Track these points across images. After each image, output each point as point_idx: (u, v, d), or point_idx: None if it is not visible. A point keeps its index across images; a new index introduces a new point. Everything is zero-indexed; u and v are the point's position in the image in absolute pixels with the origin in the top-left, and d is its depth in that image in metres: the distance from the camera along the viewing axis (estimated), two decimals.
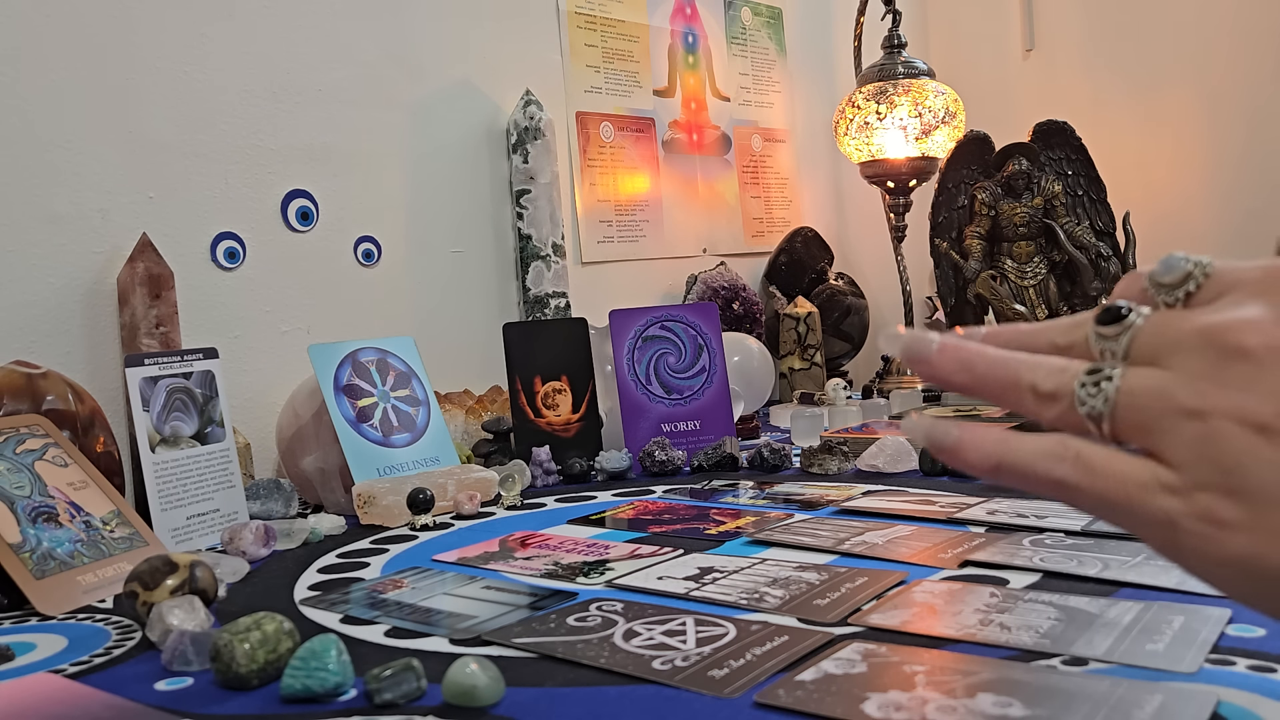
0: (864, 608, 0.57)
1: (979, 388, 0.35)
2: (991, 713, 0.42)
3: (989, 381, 0.35)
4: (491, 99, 1.40)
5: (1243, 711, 0.41)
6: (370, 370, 1.03)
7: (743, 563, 0.69)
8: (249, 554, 0.81)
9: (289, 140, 1.19)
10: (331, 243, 1.23)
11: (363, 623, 0.62)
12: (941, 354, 0.36)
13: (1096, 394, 0.33)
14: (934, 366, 0.36)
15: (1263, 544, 0.30)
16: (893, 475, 0.97)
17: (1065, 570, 0.61)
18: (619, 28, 1.59)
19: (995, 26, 2.08)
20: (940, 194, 1.53)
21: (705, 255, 1.69)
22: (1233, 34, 1.79)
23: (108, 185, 1.05)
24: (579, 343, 1.15)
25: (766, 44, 1.86)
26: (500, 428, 1.13)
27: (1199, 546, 0.32)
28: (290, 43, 1.20)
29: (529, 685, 0.49)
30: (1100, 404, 0.33)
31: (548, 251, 1.37)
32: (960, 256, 1.49)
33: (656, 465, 1.06)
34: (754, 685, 0.47)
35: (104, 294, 1.05)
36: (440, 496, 0.93)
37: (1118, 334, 0.34)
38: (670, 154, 1.65)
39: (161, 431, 0.88)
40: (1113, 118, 1.90)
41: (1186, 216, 1.82)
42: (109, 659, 0.59)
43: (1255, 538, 0.30)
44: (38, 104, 1.01)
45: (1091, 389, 0.33)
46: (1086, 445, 0.33)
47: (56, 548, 0.73)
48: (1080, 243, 1.43)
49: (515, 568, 0.72)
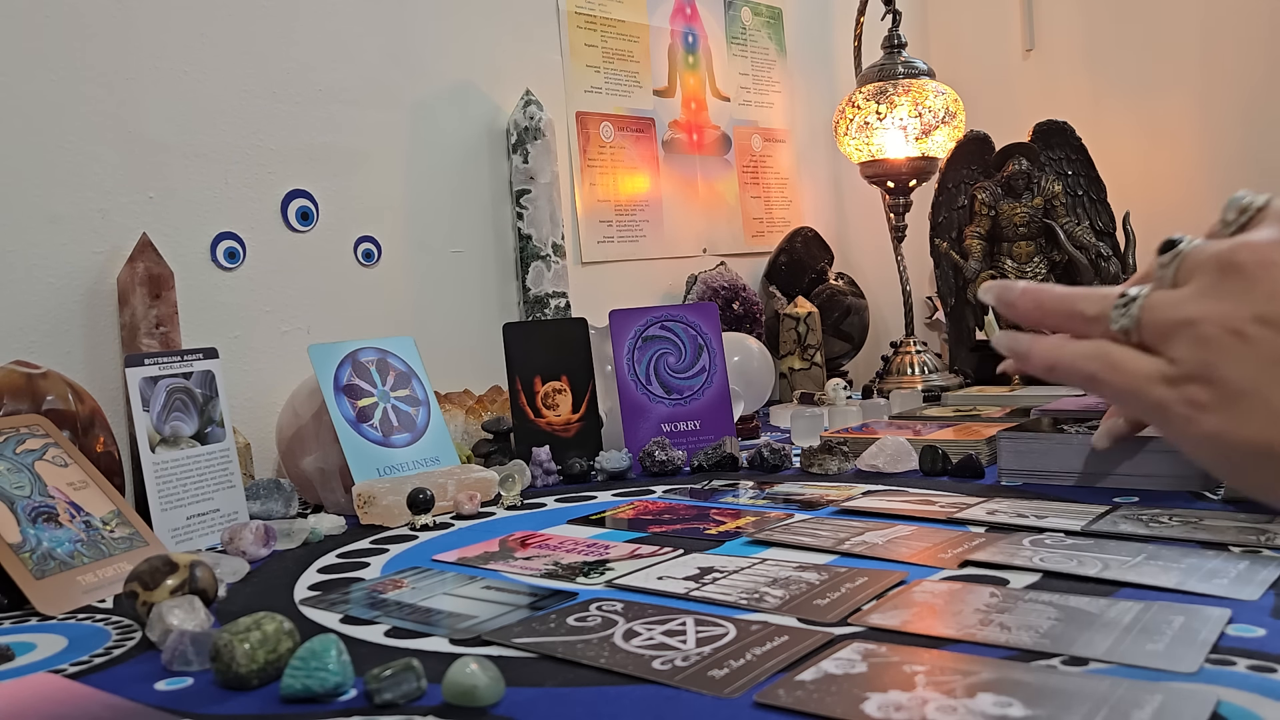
0: (864, 608, 0.57)
1: (1046, 318, 0.47)
2: (991, 713, 0.42)
3: (1053, 312, 0.47)
4: (491, 99, 1.40)
5: (1243, 711, 0.41)
6: (370, 370, 1.03)
7: (743, 563, 0.69)
8: (249, 554, 0.81)
9: (289, 140, 1.19)
10: (331, 243, 1.23)
11: (363, 623, 0.62)
12: (1023, 297, 0.49)
13: (1125, 314, 0.43)
14: (1016, 307, 0.49)
15: (1231, 423, 0.38)
16: (893, 475, 0.97)
17: (1065, 570, 0.61)
18: (619, 28, 1.59)
19: (995, 26, 2.08)
20: (940, 194, 1.53)
21: (705, 255, 1.69)
22: (1232, 34, 1.79)
23: (108, 185, 1.05)
24: (579, 343, 1.15)
25: (766, 44, 1.86)
26: (500, 428, 1.13)
27: (1183, 427, 0.40)
28: (290, 43, 1.20)
29: (529, 685, 0.49)
30: (1127, 321, 0.42)
31: (548, 251, 1.37)
32: (960, 256, 1.49)
33: (656, 465, 1.06)
34: (754, 685, 0.47)
35: (104, 294, 1.05)
36: (440, 496, 0.93)
37: (1169, 262, 0.42)
38: (670, 154, 1.65)
39: (161, 431, 0.88)
40: (1113, 118, 1.90)
41: (1186, 216, 1.81)
42: (109, 659, 0.59)
43: (1225, 417, 0.38)
44: (38, 104, 1.01)
45: (1121, 309, 0.43)
46: (1115, 348, 0.43)
47: (56, 548, 0.73)
48: (1080, 243, 1.43)
49: (515, 568, 0.72)
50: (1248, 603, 0.53)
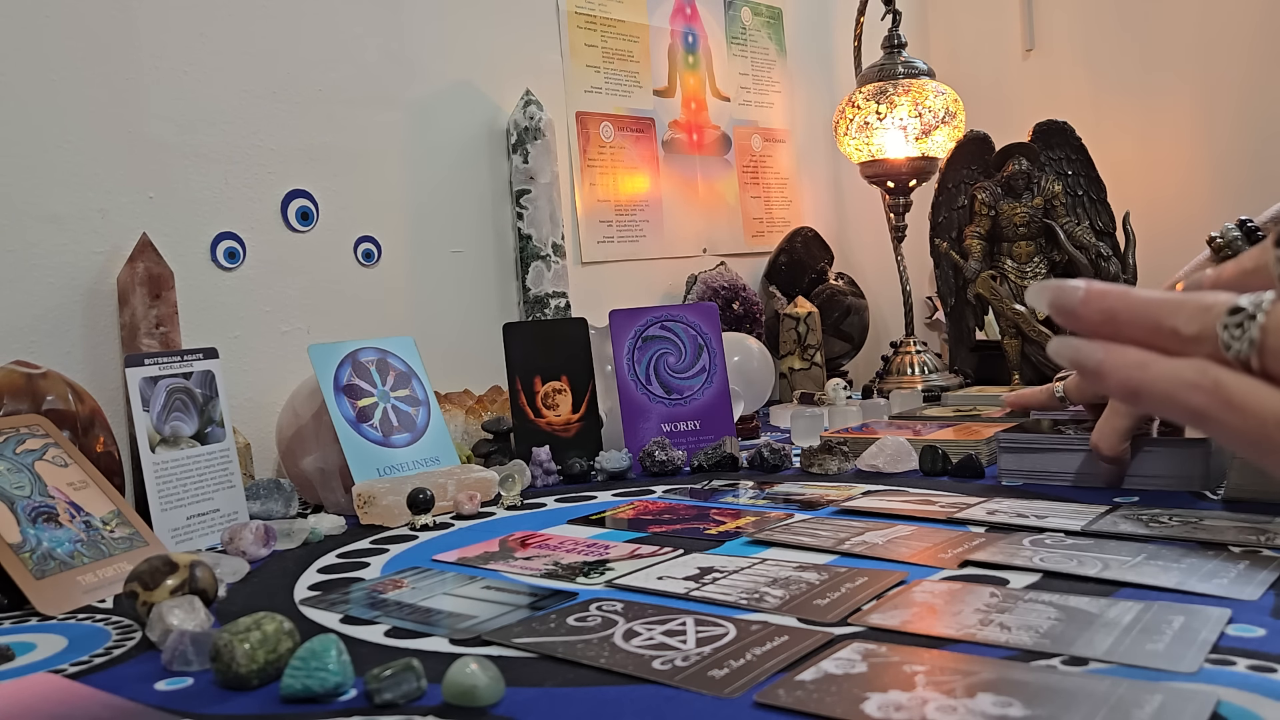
0: (864, 608, 0.57)
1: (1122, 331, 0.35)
2: (991, 713, 0.42)
3: (1133, 329, 0.35)
4: (491, 99, 1.40)
5: (1243, 711, 0.41)
6: (370, 370, 1.03)
7: (743, 563, 0.69)
8: (249, 554, 0.81)
9: (289, 140, 1.19)
10: (331, 243, 1.23)
11: (363, 623, 0.62)
12: (1086, 304, 0.36)
13: (1240, 336, 0.32)
14: (1079, 317, 0.36)
15: None
16: (893, 475, 0.97)
17: (1065, 570, 0.61)
18: (619, 28, 1.59)
19: (995, 26, 2.08)
20: (940, 194, 1.53)
21: (705, 255, 1.69)
22: (1232, 34, 1.79)
23: (108, 185, 1.05)
24: (579, 343, 1.15)
25: (766, 44, 1.86)
26: (500, 428, 1.13)
27: None
28: (290, 43, 1.20)
29: (529, 685, 0.49)
30: (1245, 346, 0.32)
31: (548, 251, 1.37)
32: (960, 256, 1.49)
33: (656, 465, 1.06)
34: (754, 685, 0.47)
35: (104, 294, 1.05)
36: (440, 496, 0.93)
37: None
38: (670, 154, 1.65)
39: (161, 431, 0.88)
40: (1113, 118, 1.90)
41: (1186, 216, 1.82)
42: (109, 659, 0.59)
43: None
44: (38, 104, 1.01)
45: (1235, 330, 0.32)
46: (1226, 374, 0.33)
47: (56, 548, 0.73)
48: (1080, 243, 1.43)
49: (515, 568, 0.72)
50: (1247, 603, 0.53)
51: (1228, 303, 0.33)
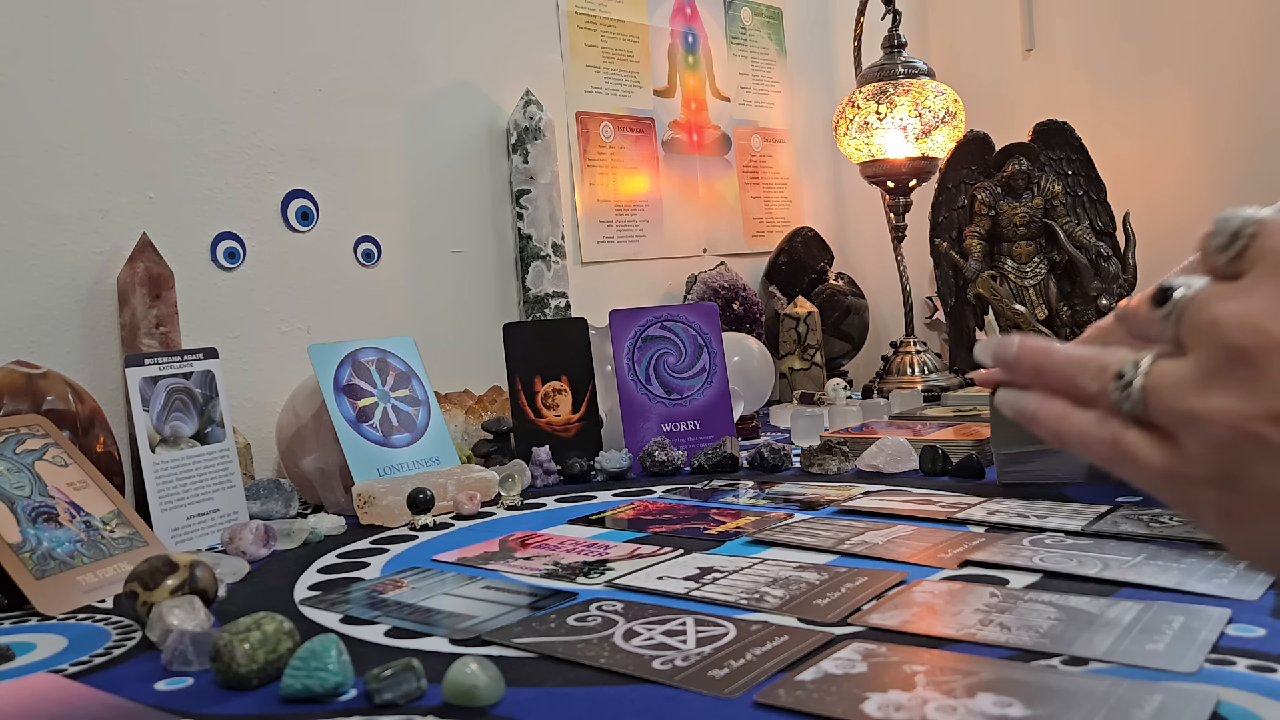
0: (864, 608, 0.57)
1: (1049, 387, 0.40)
2: (991, 713, 0.42)
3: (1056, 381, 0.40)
4: (491, 99, 1.40)
5: (1243, 711, 0.41)
6: (370, 370, 1.03)
7: (743, 563, 0.69)
8: (249, 554, 0.81)
9: (289, 140, 1.19)
10: (331, 243, 1.23)
11: (363, 623, 0.62)
12: (1019, 359, 0.41)
13: (1126, 396, 0.36)
14: (1015, 370, 0.42)
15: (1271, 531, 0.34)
16: (893, 475, 0.97)
17: (1065, 570, 0.61)
18: (619, 28, 1.59)
19: (995, 26, 2.08)
20: (940, 194, 1.53)
21: (705, 255, 1.69)
22: (1231, 34, 1.79)
23: (108, 185, 1.05)
24: (579, 343, 1.15)
25: (766, 44, 1.86)
26: (500, 428, 1.13)
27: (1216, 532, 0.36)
28: (290, 43, 1.20)
29: (529, 685, 0.49)
30: (1130, 405, 0.36)
31: (548, 251, 1.37)
32: (960, 256, 1.49)
33: (656, 465, 1.06)
34: (754, 685, 0.47)
35: (104, 294, 1.05)
36: (440, 496, 0.93)
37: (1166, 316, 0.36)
38: (670, 154, 1.65)
39: (161, 431, 0.88)
40: (1113, 118, 1.90)
41: (1186, 216, 1.82)
42: (109, 659, 0.59)
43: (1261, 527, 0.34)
44: (38, 104, 1.01)
45: (1123, 390, 0.37)
46: (1124, 432, 0.37)
47: (56, 548, 0.73)
48: (1080, 243, 1.43)
49: (515, 568, 0.72)
50: (1248, 603, 0.53)
51: (1116, 365, 0.37)
